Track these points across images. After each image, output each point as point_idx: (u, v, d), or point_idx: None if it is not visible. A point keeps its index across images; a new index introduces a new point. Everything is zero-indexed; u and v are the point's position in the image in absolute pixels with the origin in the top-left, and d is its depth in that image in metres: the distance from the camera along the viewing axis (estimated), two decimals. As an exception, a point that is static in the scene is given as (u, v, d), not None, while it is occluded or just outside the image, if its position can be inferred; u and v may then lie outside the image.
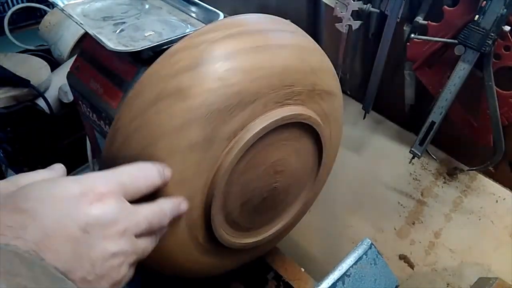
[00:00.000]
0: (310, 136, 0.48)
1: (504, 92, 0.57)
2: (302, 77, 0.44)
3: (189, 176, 0.40)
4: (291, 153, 0.47)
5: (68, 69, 0.65)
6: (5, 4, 1.11)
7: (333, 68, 0.50)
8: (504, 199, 0.65)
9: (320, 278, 0.49)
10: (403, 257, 0.73)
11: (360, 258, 0.50)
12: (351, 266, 0.49)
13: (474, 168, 0.67)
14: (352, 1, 0.65)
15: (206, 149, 0.39)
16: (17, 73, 0.81)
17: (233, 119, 0.39)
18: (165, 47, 0.52)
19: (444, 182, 0.71)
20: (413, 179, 0.74)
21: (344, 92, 0.81)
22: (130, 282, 0.36)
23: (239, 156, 0.40)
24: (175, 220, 0.40)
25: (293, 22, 0.48)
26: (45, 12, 1.11)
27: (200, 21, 0.62)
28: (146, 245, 0.35)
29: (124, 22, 0.60)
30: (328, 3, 0.74)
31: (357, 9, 0.65)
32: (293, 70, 0.42)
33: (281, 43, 0.42)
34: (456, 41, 0.55)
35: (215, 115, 0.38)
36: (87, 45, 0.63)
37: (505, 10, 0.50)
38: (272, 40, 0.42)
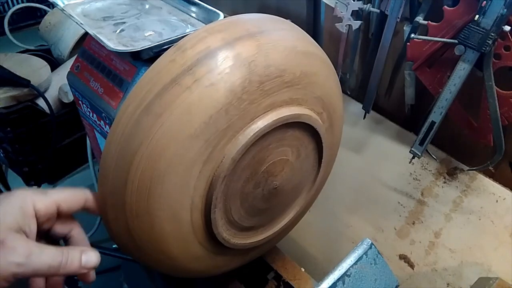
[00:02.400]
0: (310, 136, 0.48)
1: (504, 92, 0.57)
2: (302, 77, 0.44)
3: (189, 175, 0.40)
4: (291, 153, 0.47)
5: (68, 69, 0.65)
6: (5, 4, 1.11)
7: (333, 68, 0.51)
8: (504, 199, 0.65)
9: (320, 278, 0.49)
10: (403, 257, 0.73)
11: (360, 258, 0.50)
12: (351, 266, 0.49)
13: (474, 168, 0.67)
14: (352, 1, 0.65)
15: (206, 149, 0.39)
16: (17, 73, 0.81)
17: (233, 120, 0.39)
18: (165, 47, 0.52)
19: (444, 182, 0.71)
20: (413, 179, 0.74)
21: (344, 92, 0.81)
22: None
23: (239, 156, 0.40)
24: (175, 222, 0.40)
25: (293, 22, 0.48)
26: (45, 12, 1.11)
27: (200, 21, 0.62)
28: None
29: (124, 22, 0.60)
30: (328, 3, 0.74)
31: (357, 9, 0.65)
32: (293, 70, 0.42)
33: (281, 43, 0.42)
34: (456, 41, 0.55)
35: (215, 116, 0.38)
36: (87, 45, 0.63)
37: (505, 10, 0.50)
38: (272, 41, 0.42)
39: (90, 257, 0.37)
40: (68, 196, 0.38)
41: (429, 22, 0.58)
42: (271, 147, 0.44)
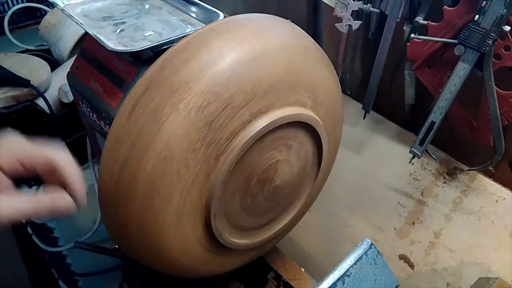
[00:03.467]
0: (310, 136, 0.48)
1: (504, 92, 0.57)
2: (302, 77, 0.44)
3: (188, 176, 0.40)
4: (291, 153, 0.47)
5: (68, 69, 0.65)
6: (5, 4, 1.11)
7: (333, 67, 0.50)
8: (504, 199, 0.65)
9: (320, 278, 0.49)
10: (403, 257, 0.73)
11: (360, 258, 0.50)
12: (351, 266, 0.49)
13: (474, 168, 0.67)
14: (352, 1, 0.65)
15: (206, 149, 0.39)
16: (17, 73, 0.81)
17: (233, 119, 0.39)
18: (165, 47, 0.52)
19: (444, 182, 0.71)
20: (413, 179, 0.74)
21: (344, 92, 0.81)
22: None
23: (239, 156, 0.40)
24: (173, 220, 0.41)
25: (293, 22, 0.48)
26: (45, 12, 1.11)
27: (200, 21, 0.62)
28: None
29: (124, 22, 0.60)
30: (328, 3, 0.74)
31: (357, 9, 0.65)
32: (293, 70, 0.42)
33: (281, 43, 0.42)
34: (456, 41, 0.55)
35: (214, 115, 0.38)
36: (87, 45, 0.63)
37: (505, 10, 0.50)
38: (272, 41, 0.42)
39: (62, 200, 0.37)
40: (30, 155, 0.36)
41: (429, 22, 0.58)
42: (271, 147, 0.44)
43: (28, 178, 0.38)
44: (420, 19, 0.60)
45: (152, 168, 0.39)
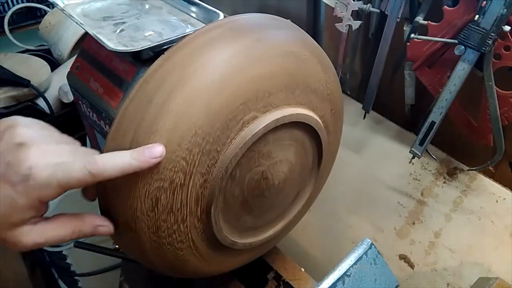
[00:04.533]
0: (310, 136, 0.48)
1: (504, 92, 0.57)
2: (301, 77, 0.44)
3: (184, 235, 0.42)
4: (291, 153, 0.47)
5: (68, 69, 0.65)
6: (5, 4, 1.11)
7: (333, 67, 0.50)
8: (504, 199, 0.65)
9: (320, 278, 0.49)
10: (403, 257, 0.73)
11: (360, 258, 0.50)
12: (351, 266, 0.49)
13: (474, 168, 0.67)
14: (352, 1, 0.65)
15: (205, 149, 0.39)
16: (17, 73, 0.81)
17: (233, 119, 0.39)
18: (165, 47, 0.52)
19: (444, 182, 0.71)
20: (413, 179, 0.74)
21: (344, 92, 0.81)
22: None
23: (239, 156, 0.40)
24: (175, 219, 0.41)
25: (293, 22, 0.48)
26: (45, 12, 1.11)
27: (200, 21, 0.62)
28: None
29: (124, 22, 0.60)
30: (328, 3, 0.74)
31: (357, 9, 0.65)
32: (292, 70, 0.42)
33: (280, 43, 0.42)
34: (456, 41, 0.55)
35: (214, 115, 0.38)
36: (87, 45, 0.63)
37: (505, 10, 0.50)
38: (271, 40, 0.42)
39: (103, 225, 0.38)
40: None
41: (429, 22, 0.58)
42: (271, 147, 0.44)
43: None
44: (420, 19, 0.60)
45: (151, 245, 0.41)
